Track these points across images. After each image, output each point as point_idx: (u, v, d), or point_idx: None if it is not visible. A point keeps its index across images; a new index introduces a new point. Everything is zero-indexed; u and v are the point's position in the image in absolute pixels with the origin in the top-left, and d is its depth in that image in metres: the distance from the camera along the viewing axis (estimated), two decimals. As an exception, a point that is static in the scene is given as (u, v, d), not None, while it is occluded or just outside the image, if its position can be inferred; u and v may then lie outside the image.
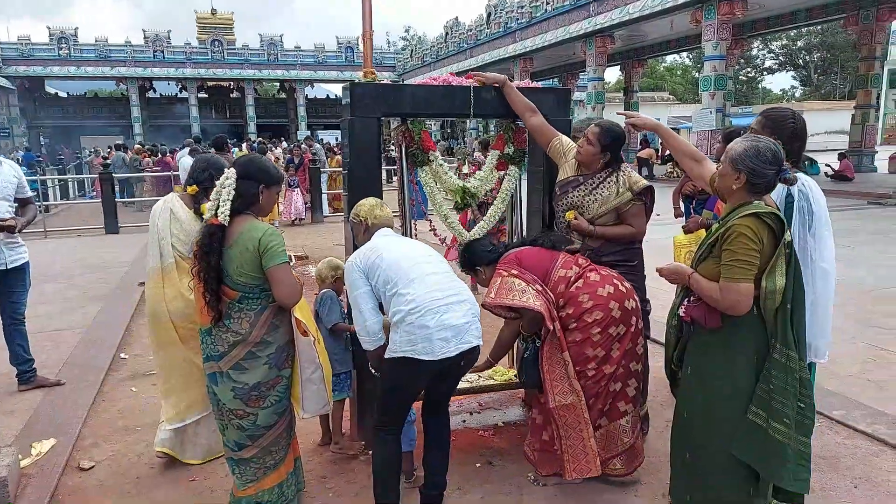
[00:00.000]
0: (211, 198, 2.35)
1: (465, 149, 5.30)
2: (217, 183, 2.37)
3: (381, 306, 2.55)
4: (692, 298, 2.31)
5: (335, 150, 16.61)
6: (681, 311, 2.35)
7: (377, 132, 3.12)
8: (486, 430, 3.41)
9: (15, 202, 3.89)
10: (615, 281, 2.83)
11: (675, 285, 2.40)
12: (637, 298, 2.87)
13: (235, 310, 2.35)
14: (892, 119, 30.97)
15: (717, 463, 2.23)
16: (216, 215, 2.30)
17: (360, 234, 2.74)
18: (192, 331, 2.85)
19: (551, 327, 2.70)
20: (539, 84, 3.43)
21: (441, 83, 3.26)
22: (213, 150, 8.99)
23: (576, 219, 3.07)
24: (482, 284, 3.16)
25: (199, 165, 3.13)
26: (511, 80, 3.28)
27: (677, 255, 4.09)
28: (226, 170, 2.40)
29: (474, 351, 2.50)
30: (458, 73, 3.46)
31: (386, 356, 2.46)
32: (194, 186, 3.05)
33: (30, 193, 4.04)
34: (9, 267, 3.82)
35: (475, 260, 3.04)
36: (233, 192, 2.32)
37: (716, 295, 2.16)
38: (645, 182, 3.11)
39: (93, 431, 3.54)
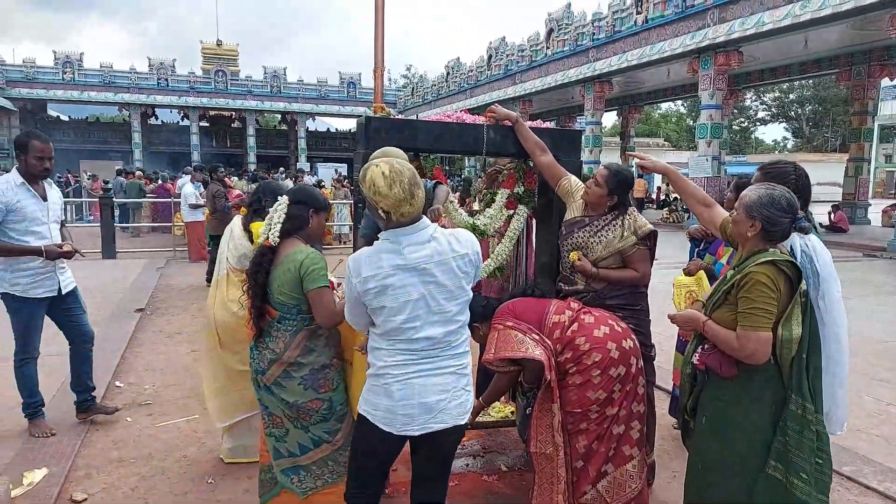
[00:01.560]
0: (265, 221, 2.53)
1: (477, 185, 5.34)
2: (271, 208, 2.57)
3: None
4: (706, 346, 2.29)
5: (342, 182, 16.56)
6: (695, 359, 2.32)
7: (390, 166, 3.14)
8: (490, 474, 3.34)
9: None
10: (610, 321, 2.82)
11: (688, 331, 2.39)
12: (634, 338, 2.85)
13: (274, 328, 2.48)
14: (882, 173, 31.52)
15: (734, 517, 2.18)
16: (268, 238, 2.46)
17: (376, 216, 2.14)
18: (232, 338, 3.26)
19: (549, 377, 2.68)
20: (550, 124, 3.46)
21: (455, 121, 3.29)
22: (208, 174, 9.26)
23: (579, 259, 3.07)
24: (478, 341, 3.13)
25: (256, 189, 3.43)
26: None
27: (677, 295, 4.07)
28: (279, 196, 2.56)
29: (452, 431, 2.15)
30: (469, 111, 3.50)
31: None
32: (244, 209, 3.34)
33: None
34: (64, 291, 3.84)
35: (471, 317, 2.99)
36: (283, 216, 2.48)
37: (733, 343, 2.13)
38: (650, 227, 3.12)
39: (86, 462, 3.44)
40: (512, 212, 3.47)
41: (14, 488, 3.00)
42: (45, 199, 3.73)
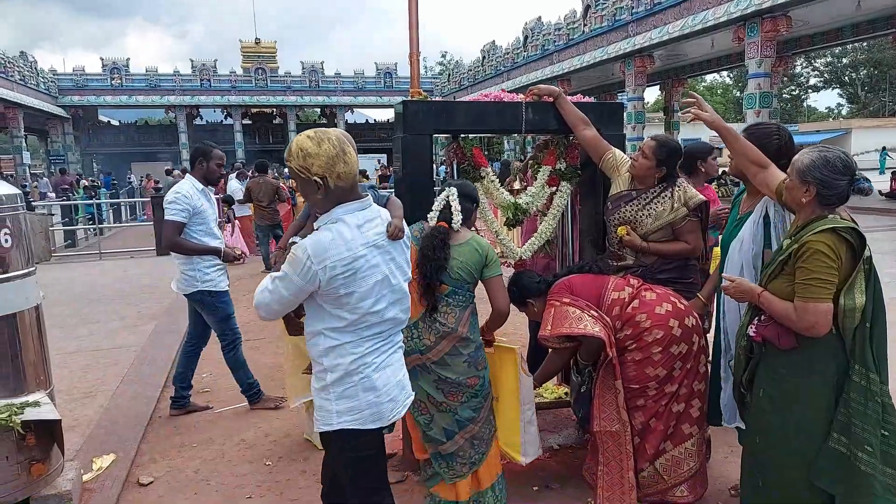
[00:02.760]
0: (434, 208, 2.73)
1: (518, 164, 5.29)
2: (439, 197, 2.74)
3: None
4: (762, 317, 2.22)
5: (386, 170, 16.57)
6: (751, 331, 2.25)
7: (430, 149, 3.14)
8: (543, 452, 3.33)
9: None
10: (672, 298, 2.76)
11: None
12: (697, 316, 2.79)
13: (443, 303, 2.60)
14: (946, 136, 29.85)
15: (794, 491, 2.12)
16: (448, 222, 2.63)
17: (313, 195, 1.90)
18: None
19: (611, 353, 2.64)
20: (593, 98, 3.40)
21: (493, 99, 3.26)
22: (257, 172, 9.49)
23: (628, 234, 3.01)
24: (532, 318, 3.13)
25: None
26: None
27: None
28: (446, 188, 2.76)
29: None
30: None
31: (320, 429, 1.98)
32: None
33: None
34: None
35: (525, 293, 3.00)
36: (459, 205, 2.65)
37: (792, 315, 2.06)
38: (701, 197, 3.03)
39: (150, 447, 3.60)
40: (554, 189, 3.43)
41: (85, 473, 3.15)
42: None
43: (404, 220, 2.22)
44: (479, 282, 2.68)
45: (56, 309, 6.76)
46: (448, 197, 2.69)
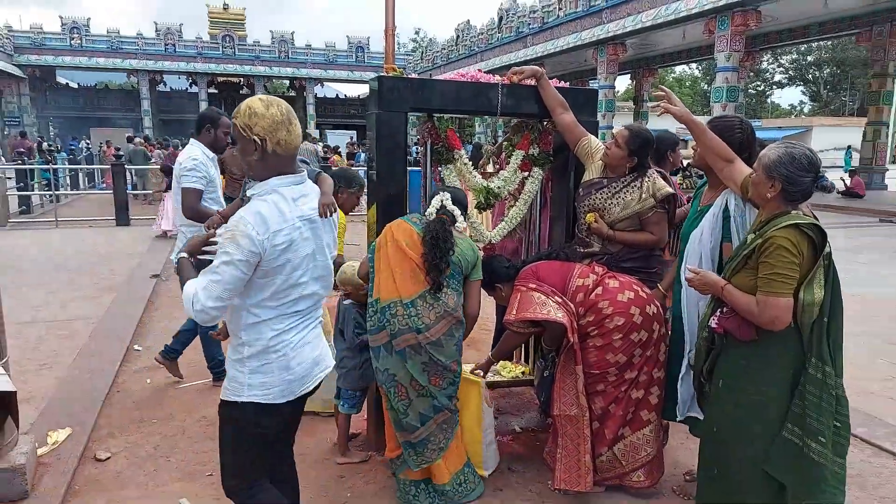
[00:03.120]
0: (430, 208, 2.87)
1: (491, 148, 5.29)
2: (434, 199, 2.91)
3: None
4: (724, 309, 2.27)
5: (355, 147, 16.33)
6: (712, 323, 2.31)
7: (404, 127, 3.10)
8: (504, 435, 3.38)
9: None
10: (635, 287, 2.81)
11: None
12: (658, 304, 2.84)
13: (446, 285, 2.68)
14: (901, 137, 30.89)
15: (748, 479, 2.19)
16: (454, 216, 2.82)
17: (250, 156, 1.89)
18: None
19: (573, 339, 2.69)
20: (567, 84, 3.39)
21: (469, 79, 3.23)
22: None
23: (596, 221, 3.05)
24: (500, 302, 3.16)
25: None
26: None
27: None
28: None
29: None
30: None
31: (227, 397, 1.95)
32: None
33: None
34: None
35: (494, 278, 3.02)
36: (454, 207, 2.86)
37: (753, 309, 2.11)
38: (669, 189, 3.07)
39: (108, 422, 3.52)
40: (526, 174, 3.44)
41: (40, 447, 3.07)
42: None
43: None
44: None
45: (9, 277, 6.54)
46: (442, 199, 2.85)
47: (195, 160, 3.67)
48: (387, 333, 2.64)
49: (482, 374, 3.12)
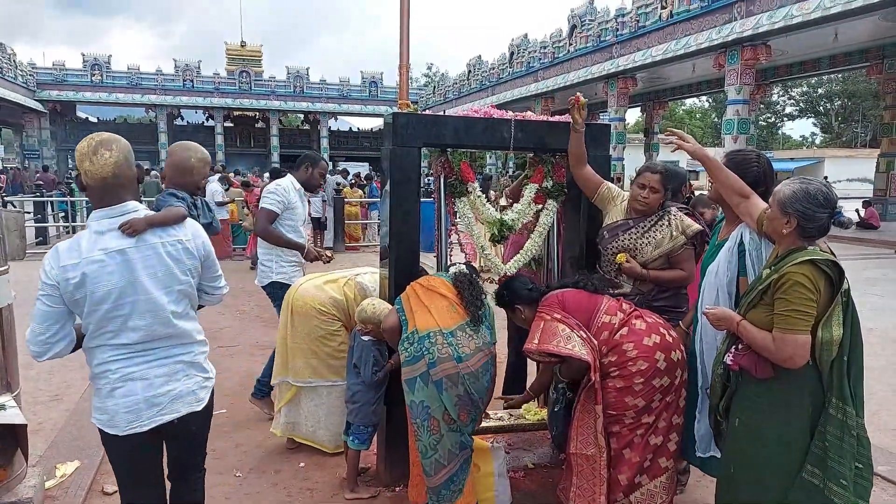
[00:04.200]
0: (452, 271, 3.02)
1: (503, 180, 5.33)
2: (452, 269, 3.04)
3: None
4: (740, 346, 2.22)
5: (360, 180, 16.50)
6: (728, 360, 2.25)
7: (418, 161, 3.13)
8: (517, 471, 3.32)
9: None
10: (662, 330, 2.69)
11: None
12: (683, 350, 2.75)
13: (485, 319, 2.78)
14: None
15: (767, 520, 2.12)
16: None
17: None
18: (304, 312, 3.48)
19: (594, 378, 2.60)
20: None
21: (482, 115, 3.27)
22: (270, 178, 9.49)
23: (628, 262, 3.01)
24: (518, 324, 3.09)
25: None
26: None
27: None
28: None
29: (190, 418, 2.09)
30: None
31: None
32: None
33: None
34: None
35: (515, 298, 2.94)
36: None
37: (770, 346, 2.06)
38: (697, 226, 3.06)
39: (117, 455, 3.49)
40: (541, 206, 3.44)
41: (48, 480, 3.05)
42: None
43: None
44: None
45: (25, 308, 6.58)
46: (459, 268, 3.00)
47: (279, 185, 4.03)
48: (425, 363, 2.60)
49: (516, 407, 3.24)
